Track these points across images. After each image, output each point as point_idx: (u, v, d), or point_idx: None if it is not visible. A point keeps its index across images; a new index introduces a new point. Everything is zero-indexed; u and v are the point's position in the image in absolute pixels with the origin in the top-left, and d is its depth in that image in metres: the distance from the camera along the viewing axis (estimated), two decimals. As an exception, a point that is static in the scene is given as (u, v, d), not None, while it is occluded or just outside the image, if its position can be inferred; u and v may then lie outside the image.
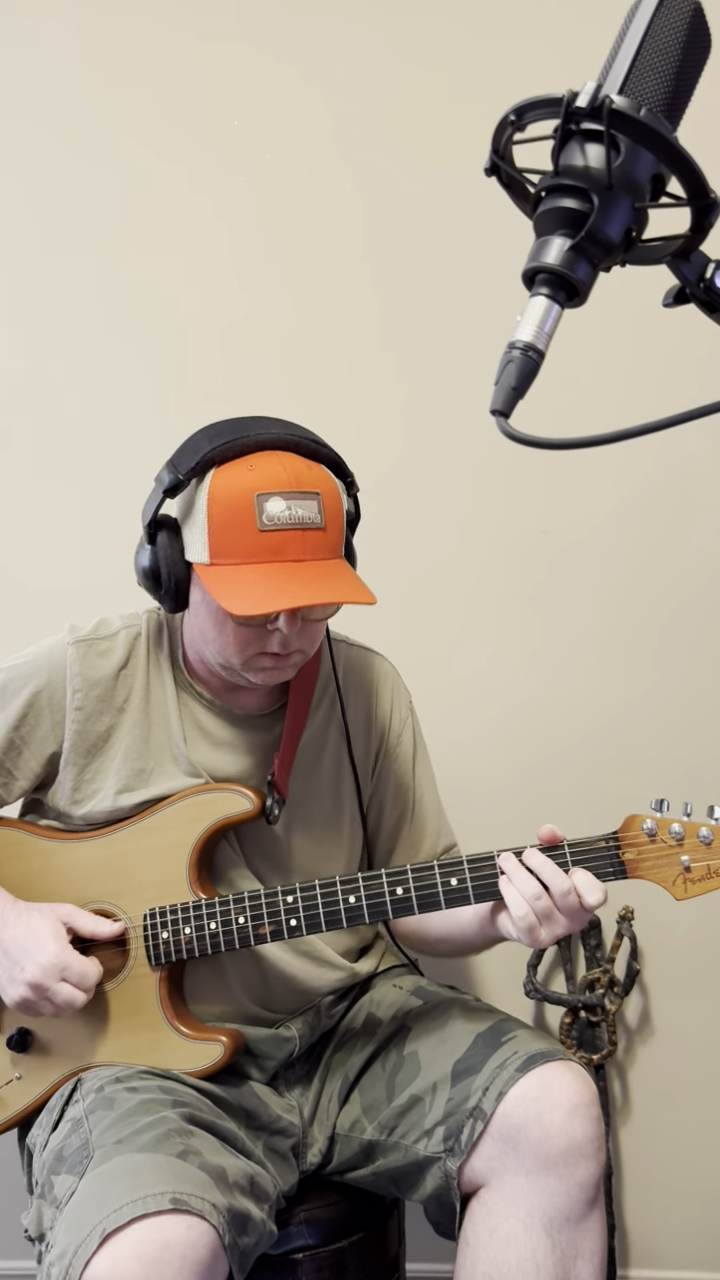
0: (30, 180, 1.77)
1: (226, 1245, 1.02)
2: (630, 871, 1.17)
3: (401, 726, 1.42)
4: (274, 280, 1.75)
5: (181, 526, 1.22)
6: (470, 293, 1.71)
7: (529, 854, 1.17)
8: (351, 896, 1.22)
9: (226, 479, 1.17)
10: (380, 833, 1.42)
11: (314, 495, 1.18)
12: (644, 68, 0.75)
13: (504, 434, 0.74)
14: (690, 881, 1.15)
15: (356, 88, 1.73)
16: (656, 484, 1.71)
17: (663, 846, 1.16)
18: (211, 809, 1.27)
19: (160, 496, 1.21)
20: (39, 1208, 1.13)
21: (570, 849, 1.18)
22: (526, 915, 1.14)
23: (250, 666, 1.23)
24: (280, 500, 1.15)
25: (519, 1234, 1.12)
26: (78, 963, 1.20)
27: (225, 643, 1.21)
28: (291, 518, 1.15)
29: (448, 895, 1.20)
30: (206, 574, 1.18)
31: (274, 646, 1.20)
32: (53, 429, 1.78)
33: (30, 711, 1.28)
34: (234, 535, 1.16)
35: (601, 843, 1.18)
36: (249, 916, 1.24)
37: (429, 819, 1.42)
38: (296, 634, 1.20)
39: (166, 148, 1.76)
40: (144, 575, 1.24)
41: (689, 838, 1.15)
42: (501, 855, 1.18)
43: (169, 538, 1.22)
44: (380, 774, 1.40)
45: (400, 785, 1.41)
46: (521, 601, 1.74)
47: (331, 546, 1.20)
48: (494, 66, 1.69)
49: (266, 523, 1.15)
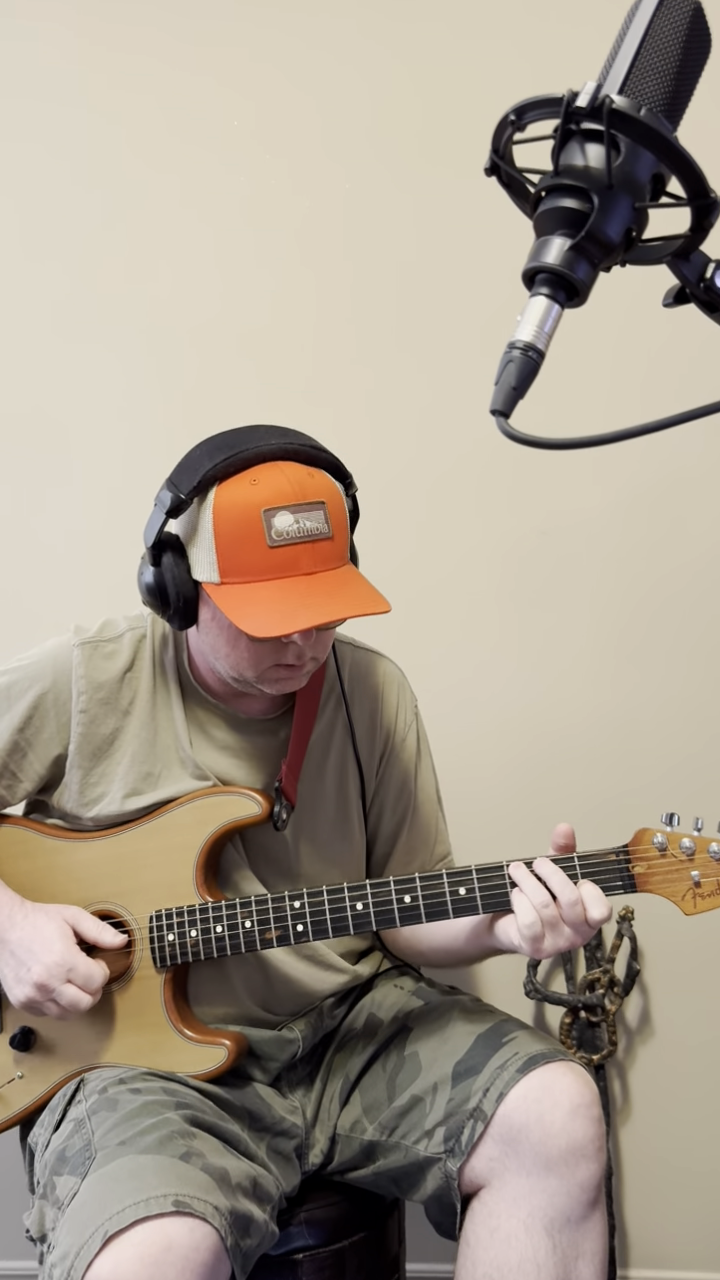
0: (21, 185, 1.77)
1: (229, 1247, 1.02)
2: (640, 885, 1.17)
3: (406, 730, 1.41)
4: (272, 285, 1.75)
5: (187, 546, 1.20)
6: (470, 293, 1.71)
7: (539, 863, 1.17)
8: (359, 904, 1.22)
9: (230, 496, 1.15)
10: (379, 836, 1.41)
11: (319, 505, 1.17)
12: (644, 67, 0.75)
13: (504, 434, 0.74)
14: (700, 897, 1.15)
15: (354, 90, 1.73)
16: (656, 483, 1.70)
17: (673, 861, 1.15)
18: (220, 812, 1.26)
19: (163, 518, 1.18)
20: (41, 1208, 1.13)
21: (580, 861, 1.17)
22: (534, 923, 1.14)
23: (264, 679, 1.22)
24: (288, 514, 1.14)
25: (520, 1234, 1.12)
26: (83, 964, 1.20)
27: (239, 659, 1.20)
28: (300, 530, 1.14)
29: (456, 904, 1.20)
30: (218, 594, 1.16)
31: (290, 659, 1.20)
32: (51, 438, 1.78)
33: (35, 714, 1.28)
34: (244, 554, 1.14)
35: (612, 856, 1.17)
36: (255, 921, 1.23)
37: (428, 825, 1.42)
38: (310, 644, 1.20)
39: (160, 151, 1.75)
40: (150, 595, 1.21)
41: (700, 852, 1.15)
42: (511, 865, 1.18)
43: (174, 558, 1.19)
44: (383, 776, 1.40)
45: (402, 789, 1.41)
46: (521, 602, 1.73)
47: (340, 554, 1.20)
48: (491, 70, 1.69)
49: (276, 538, 1.13)
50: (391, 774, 1.40)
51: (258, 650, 1.19)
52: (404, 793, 1.41)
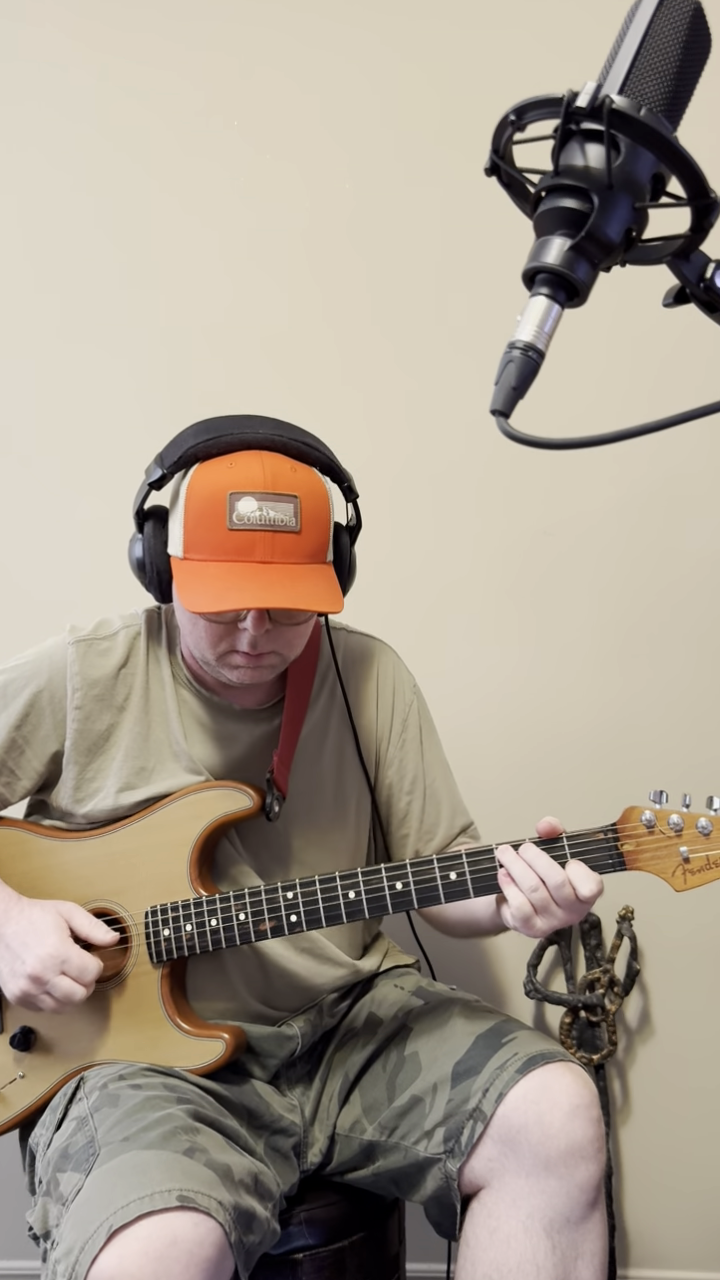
0: (25, 191, 1.77)
1: (233, 1243, 1.03)
2: (629, 863, 1.17)
3: (407, 710, 1.41)
4: (273, 285, 1.75)
5: (168, 519, 1.24)
6: (471, 293, 1.71)
7: (525, 847, 1.17)
8: (351, 892, 1.22)
9: (205, 475, 1.18)
10: (392, 819, 1.41)
11: (291, 498, 1.17)
12: (644, 67, 0.75)
13: (504, 434, 0.74)
14: (689, 872, 1.15)
15: (354, 90, 1.73)
16: (655, 483, 1.71)
17: (661, 838, 1.16)
18: (211, 807, 1.27)
19: (146, 489, 1.23)
20: (44, 1205, 1.13)
21: (569, 841, 1.18)
22: (522, 906, 1.14)
23: (224, 663, 1.23)
24: (252, 500, 1.15)
25: (519, 1235, 1.12)
26: (77, 956, 1.21)
27: (198, 637, 1.22)
28: (262, 519, 1.15)
29: (447, 889, 1.20)
30: (178, 567, 1.20)
31: (243, 646, 1.20)
32: (55, 435, 1.78)
33: (32, 711, 1.29)
34: (205, 531, 1.16)
35: (600, 834, 1.18)
36: (249, 913, 1.24)
37: (443, 800, 1.41)
38: (267, 637, 1.20)
39: (163, 150, 1.76)
40: (133, 565, 1.27)
41: (688, 829, 1.15)
42: (499, 848, 1.18)
43: (155, 529, 1.24)
44: (389, 759, 1.39)
45: (411, 768, 1.40)
46: (521, 599, 1.74)
47: (308, 551, 1.19)
48: (492, 67, 1.69)
49: (236, 521, 1.15)
50: (398, 755, 1.40)
51: (214, 632, 1.20)
52: (414, 771, 1.40)
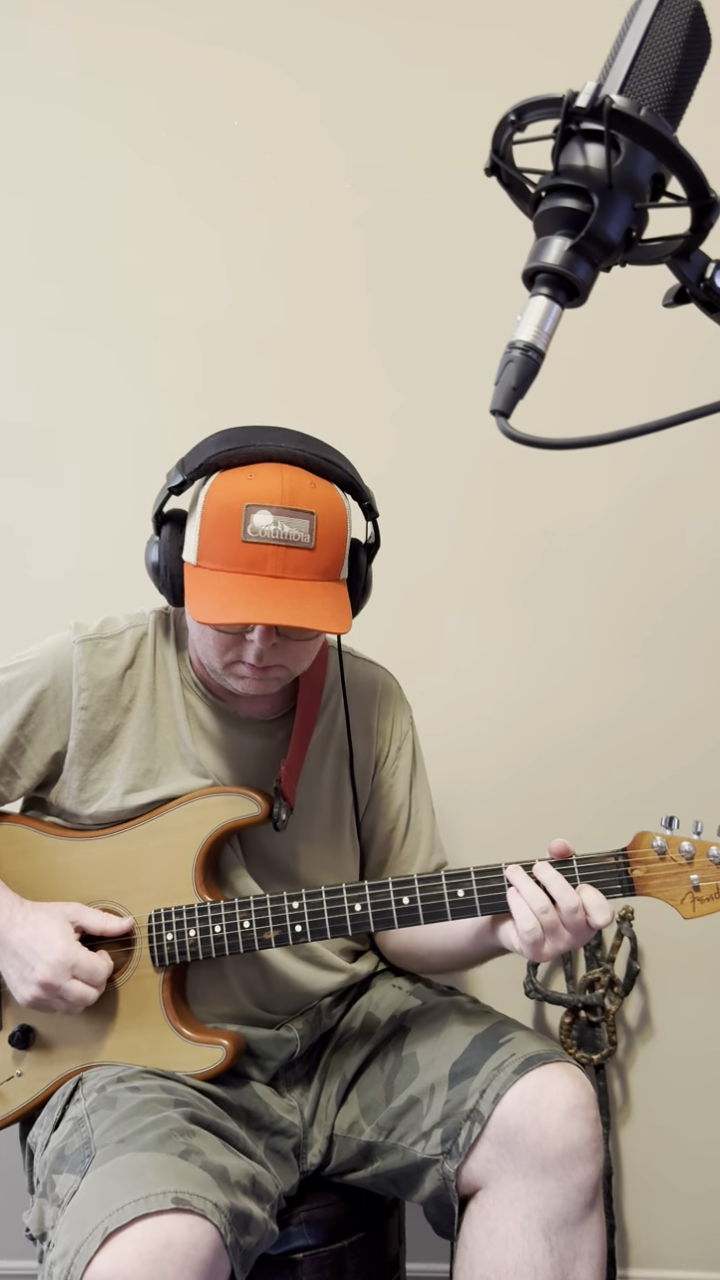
0: (28, 183, 1.77)
1: (228, 1245, 1.02)
2: (639, 889, 1.16)
3: (401, 740, 1.41)
4: (270, 283, 1.75)
5: (186, 525, 1.23)
6: (471, 293, 1.71)
7: (539, 868, 1.16)
8: (357, 905, 1.22)
9: (224, 485, 1.17)
10: (373, 844, 1.41)
11: (307, 514, 1.16)
12: (644, 68, 0.75)
13: (504, 434, 0.74)
14: (699, 900, 1.14)
15: (354, 89, 1.73)
16: (653, 483, 1.70)
17: (672, 865, 1.15)
18: (219, 812, 1.27)
19: (166, 493, 1.23)
20: (40, 1206, 1.13)
21: (579, 864, 1.17)
22: (534, 929, 1.13)
23: (230, 672, 1.23)
24: (268, 514, 1.15)
25: (517, 1236, 1.12)
26: (86, 959, 1.21)
27: (206, 644, 1.22)
28: (276, 533, 1.15)
29: (454, 906, 1.19)
30: (190, 574, 1.20)
31: (249, 657, 1.20)
32: (57, 428, 1.78)
33: (35, 710, 1.28)
34: (219, 541, 1.16)
35: (610, 859, 1.17)
36: (254, 921, 1.23)
37: (423, 835, 1.42)
38: (274, 650, 1.20)
39: (164, 150, 1.76)
40: (148, 567, 1.27)
41: (699, 856, 1.15)
42: (510, 867, 1.17)
43: (172, 533, 1.24)
44: (376, 786, 1.40)
45: (396, 799, 1.40)
46: (517, 600, 1.73)
47: (321, 569, 1.18)
48: (492, 67, 1.69)
49: (250, 534, 1.14)
50: (385, 784, 1.40)
51: (221, 641, 1.20)
52: (398, 802, 1.40)
